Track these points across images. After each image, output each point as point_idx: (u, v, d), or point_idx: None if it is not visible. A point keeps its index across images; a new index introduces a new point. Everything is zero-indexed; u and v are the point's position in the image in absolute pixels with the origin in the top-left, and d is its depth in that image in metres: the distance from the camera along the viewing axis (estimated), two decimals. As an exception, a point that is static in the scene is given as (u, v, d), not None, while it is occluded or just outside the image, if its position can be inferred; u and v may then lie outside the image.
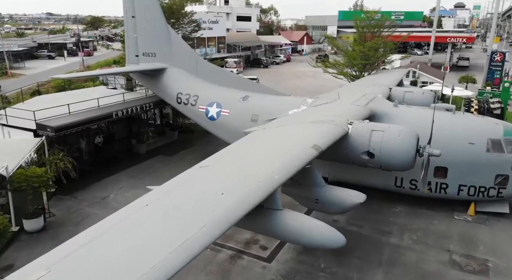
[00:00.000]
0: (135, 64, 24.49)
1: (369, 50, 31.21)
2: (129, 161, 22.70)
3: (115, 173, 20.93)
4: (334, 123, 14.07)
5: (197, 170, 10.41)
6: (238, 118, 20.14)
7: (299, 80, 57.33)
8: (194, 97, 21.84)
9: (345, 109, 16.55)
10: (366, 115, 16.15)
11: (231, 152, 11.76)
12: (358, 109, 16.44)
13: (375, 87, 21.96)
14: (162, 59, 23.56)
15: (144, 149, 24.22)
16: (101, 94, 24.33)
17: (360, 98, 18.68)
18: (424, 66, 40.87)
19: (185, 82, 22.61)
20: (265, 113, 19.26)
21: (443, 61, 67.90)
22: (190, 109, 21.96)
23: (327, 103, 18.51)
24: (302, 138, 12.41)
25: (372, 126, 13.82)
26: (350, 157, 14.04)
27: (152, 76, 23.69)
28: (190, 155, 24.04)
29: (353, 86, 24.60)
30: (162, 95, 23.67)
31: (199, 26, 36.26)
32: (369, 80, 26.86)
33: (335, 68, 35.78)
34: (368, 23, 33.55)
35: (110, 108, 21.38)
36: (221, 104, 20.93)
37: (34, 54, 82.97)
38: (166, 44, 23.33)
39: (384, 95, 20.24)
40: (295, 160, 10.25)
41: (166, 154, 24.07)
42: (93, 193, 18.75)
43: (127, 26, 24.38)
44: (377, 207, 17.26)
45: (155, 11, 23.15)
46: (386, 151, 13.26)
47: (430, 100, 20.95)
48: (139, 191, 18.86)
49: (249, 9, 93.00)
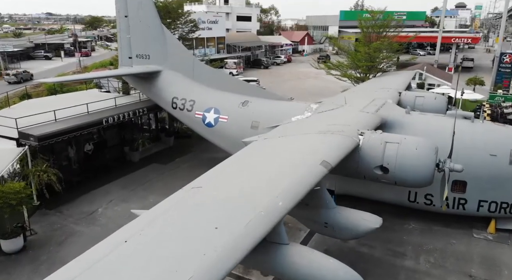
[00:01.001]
0: (128, 66, 23.11)
1: (374, 51, 29.80)
2: (121, 170, 21.26)
3: (106, 184, 19.50)
4: (344, 134, 12.66)
5: (188, 192, 8.99)
6: (237, 125, 18.73)
7: (300, 82, 55.90)
8: (190, 102, 20.42)
9: (353, 117, 15.13)
10: (377, 124, 14.73)
11: (228, 169, 10.34)
12: (368, 117, 15.01)
13: (384, 91, 20.54)
14: (156, 61, 22.16)
15: (138, 156, 22.80)
16: (93, 98, 22.99)
17: (369, 104, 17.24)
18: (431, 67, 39.44)
19: (181, 86, 21.20)
20: (266, 119, 17.87)
21: (447, 62, 66.54)
22: (186, 115, 20.54)
23: (333, 110, 17.09)
24: (309, 153, 11.00)
25: (386, 138, 12.40)
26: (361, 172, 12.64)
27: (146, 80, 22.29)
28: (186, 163, 22.62)
29: (360, 90, 23.17)
30: (156, 100, 22.26)
31: (197, 26, 34.83)
32: (375, 83, 25.43)
33: (338, 70, 34.39)
34: (373, 23, 32.18)
35: (100, 114, 19.95)
36: (219, 109, 19.52)
37: (31, 55, 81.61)
38: (160, 45, 21.93)
39: (394, 100, 18.81)
40: (302, 182, 8.84)
41: (161, 162, 22.64)
42: (80, 207, 17.32)
43: (119, 27, 22.99)
44: (388, 223, 15.78)
45: (149, 10, 21.75)
46: (401, 166, 11.85)
47: (443, 106, 19.55)
48: (129, 205, 17.52)
49: (249, 9, 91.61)
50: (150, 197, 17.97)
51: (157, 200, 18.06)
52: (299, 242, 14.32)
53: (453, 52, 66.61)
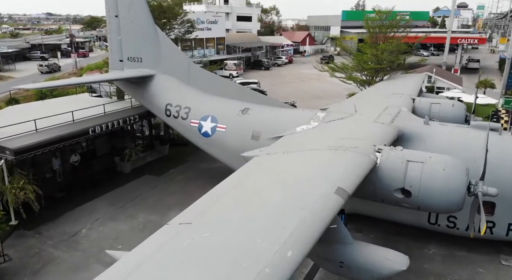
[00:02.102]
0: (119, 70, 21.44)
1: (382, 53, 28.10)
2: (110, 183, 19.57)
3: (92, 199, 17.81)
4: (358, 150, 10.99)
5: (175, 231, 7.32)
6: (236, 135, 17.05)
7: (302, 84, 54.25)
8: (185, 109, 18.73)
9: (367, 128, 13.44)
10: (394, 137, 13.06)
11: (224, 198, 8.65)
12: (383, 129, 13.32)
13: (396, 98, 18.86)
14: (149, 65, 20.47)
15: (129, 167, 21.11)
16: (83, 103, 21.32)
17: (382, 112, 15.55)
18: (440, 70, 37.73)
19: (175, 92, 19.51)
20: (268, 129, 16.21)
21: (452, 63, 64.80)
22: (181, 123, 18.84)
23: (342, 119, 15.41)
24: (320, 177, 9.32)
25: (408, 156, 10.72)
26: (379, 195, 10.97)
27: (138, 84, 20.60)
28: (181, 174, 20.93)
29: (369, 95, 21.46)
30: (149, 106, 20.57)
31: (194, 26, 33.12)
32: (385, 88, 23.74)
33: (343, 72, 32.67)
34: (381, 23, 30.47)
35: (86, 122, 18.26)
36: (216, 118, 17.82)
37: (27, 56, 80.00)
38: (153, 47, 20.25)
39: (408, 108, 17.13)
40: (315, 220, 7.15)
41: (154, 173, 20.95)
42: (62, 226, 15.62)
43: (110, 27, 21.30)
44: (405, 247, 14.11)
45: (141, 9, 20.07)
46: (427, 189, 10.19)
47: (462, 114, 17.89)
48: (117, 224, 15.83)
49: (250, 9, 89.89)
50: (139, 216, 16.31)
51: (147, 219, 16.69)
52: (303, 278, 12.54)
53: (459, 53, 64.87)
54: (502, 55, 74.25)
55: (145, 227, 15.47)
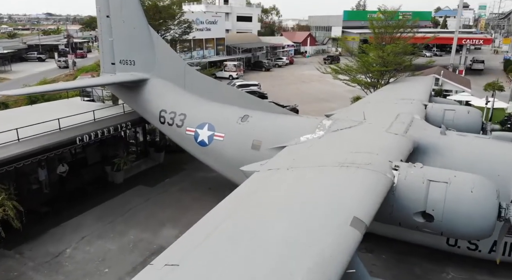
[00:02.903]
0: (111, 73, 20.18)
1: (388, 55, 26.79)
2: (100, 194, 18.27)
3: (80, 214, 16.51)
4: (372, 168, 9.70)
5: (160, 275, 6.04)
6: (235, 145, 15.78)
7: (304, 85, 52.97)
8: (181, 116, 17.45)
9: (380, 140, 12.15)
10: (410, 150, 11.77)
11: (218, 232, 7.36)
12: (398, 141, 12.02)
13: (407, 104, 17.58)
14: (142, 68, 19.20)
15: (121, 177, 19.82)
16: (73, 109, 20.11)
17: (394, 121, 14.26)
18: (447, 72, 36.41)
19: (170, 97, 18.24)
20: (270, 138, 14.95)
21: (456, 64, 63.49)
22: (176, 131, 17.56)
23: (351, 128, 14.13)
24: (332, 202, 8.01)
25: (429, 174, 9.42)
26: (396, 218, 9.68)
27: (131, 89, 19.33)
28: (176, 185, 19.64)
29: (376, 100, 20.17)
30: (142, 113, 19.29)
31: (191, 27, 31.85)
32: (393, 92, 22.47)
33: (347, 74, 31.37)
34: (387, 24, 29.17)
35: (74, 130, 16.97)
36: (214, 125, 16.54)
37: (23, 57, 78.81)
38: (147, 49, 18.97)
39: (421, 115, 15.85)
40: (329, 266, 5.86)
41: (148, 184, 19.65)
42: (45, 245, 14.32)
43: (101, 28, 20.05)
44: (420, 270, 12.88)
45: (133, 9, 18.80)
46: (452, 213, 8.90)
47: (478, 122, 16.62)
48: (104, 243, 14.46)
49: (250, 9, 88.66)
50: (130, 233, 15.01)
51: (138, 238, 15.27)
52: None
53: (464, 54, 63.58)
54: (507, 56, 73.01)
55: (135, 246, 14.18)
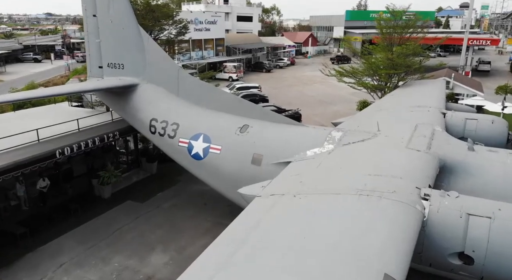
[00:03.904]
0: (98, 78, 18.50)
1: (398, 57, 25.08)
2: (84, 211, 16.57)
3: (61, 235, 14.81)
4: (399, 197, 8.01)
5: None
6: (233, 159, 14.07)
7: (306, 87, 51.28)
8: (173, 125, 15.75)
9: (401, 159, 10.44)
10: (437, 171, 10.10)
11: None
12: (423, 161, 10.30)
13: (423, 112, 15.88)
14: (132, 72, 17.51)
15: (109, 191, 18.13)
16: (59, 115, 18.57)
17: (414, 133, 12.56)
18: (458, 74, 34.68)
19: (162, 105, 16.54)
20: (272, 152, 13.29)
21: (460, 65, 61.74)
22: (167, 142, 15.84)
23: (364, 141, 12.43)
24: (354, 250, 6.30)
25: (468, 206, 7.72)
26: (427, 259, 8.01)
27: (119, 95, 17.64)
28: (169, 200, 17.92)
29: (388, 107, 18.43)
30: (131, 121, 17.58)
31: (187, 27, 30.17)
32: (405, 97, 20.78)
33: (352, 77, 29.69)
34: (395, 24, 27.47)
35: (54, 142, 15.26)
36: (209, 137, 14.83)
37: (19, 57, 77.22)
38: (137, 52, 17.27)
39: (441, 126, 14.14)
40: None
41: (138, 199, 17.94)
42: (18, 275, 12.61)
43: (87, 28, 18.37)
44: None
45: (122, 8, 17.12)
46: (497, 256, 7.23)
47: (504, 133, 14.85)
48: (84, 274, 12.40)
49: (250, 9, 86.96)
50: (114, 259, 13.30)
51: (123, 265, 12.93)
52: None
53: (470, 55, 61.91)
54: (513, 57, 71.38)
55: (119, 276, 12.47)
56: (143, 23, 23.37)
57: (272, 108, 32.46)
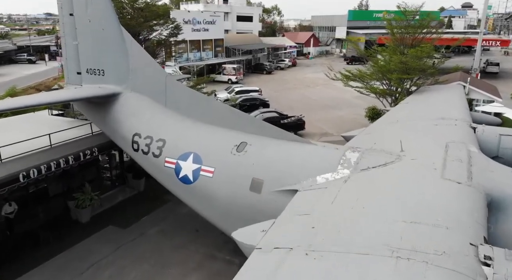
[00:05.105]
0: (76, 85, 16.29)
1: (412, 61, 22.84)
2: (57, 240, 14.29)
3: (25, 272, 12.56)
4: (450, 263, 5.80)
5: None
6: (228, 184, 11.81)
7: (308, 90, 49.03)
8: (159, 142, 13.50)
9: (440, 196, 8.20)
10: (486, 212, 7.87)
11: None
12: (468, 198, 8.05)
13: (449, 125, 13.68)
14: (113, 80, 15.29)
15: (88, 215, 15.89)
16: (34, 127, 16.38)
17: (447, 156, 10.33)
18: (474, 79, 32.38)
19: (147, 117, 14.30)
20: (274, 176, 11.09)
21: (468, 66, 59.37)
22: (152, 162, 13.58)
23: (386, 166, 10.20)
24: None
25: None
26: None
27: (99, 106, 15.42)
28: (156, 225, 15.66)
29: (405, 117, 16.17)
30: (111, 136, 15.34)
31: (179, 28, 27.94)
32: (422, 105, 18.60)
33: (360, 81, 27.49)
34: (407, 24, 25.28)
35: (18, 163, 13.02)
36: (200, 156, 12.59)
37: (13, 58, 75.03)
38: (119, 56, 15.04)
39: (475, 145, 11.92)
40: None
41: (120, 224, 15.67)
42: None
43: (63, 29, 16.16)
44: None
45: (102, 5, 14.88)
46: None
47: (547, 152, 12.67)
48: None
49: (251, 9, 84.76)
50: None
51: None
52: None
53: (478, 55, 59.43)
54: (521, 58, 69.16)
55: None
56: (129, 24, 21.15)
57: (273, 114, 30.30)
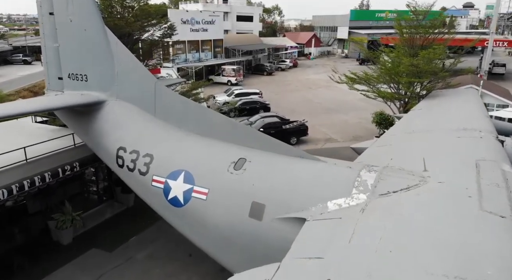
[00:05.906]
0: (58, 91, 14.75)
1: (424, 63, 21.27)
2: (33, 267, 12.77)
3: (-7, 307, 11.12)
4: None
5: None
6: (224, 208, 10.24)
7: (310, 92, 47.48)
8: (146, 158, 11.94)
9: (487, 238, 6.62)
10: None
11: None
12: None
13: (474, 137, 12.10)
14: (97, 86, 13.73)
15: (70, 236, 14.32)
16: (12, 137, 14.87)
17: (480, 179, 8.76)
18: (488, 82, 30.79)
19: (133, 128, 12.75)
20: (278, 200, 9.56)
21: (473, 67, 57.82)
22: (138, 180, 12.00)
23: (409, 190, 8.65)
24: None
25: None
26: None
27: (82, 115, 13.87)
28: (145, 248, 14.09)
29: (423, 128, 14.56)
30: (94, 148, 13.76)
31: (172, 28, 26.41)
32: (438, 113, 17.08)
33: (367, 85, 25.96)
34: (417, 24, 23.72)
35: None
36: (193, 175, 11.00)
37: (8, 59, 73.50)
38: (104, 60, 13.48)
39: (507, 162, 10.34)
40: None
41: (105, 246, 14.08)
42: None
43: (43, 30, 14.60)
44: None
45: (84, 3, 13.34)
46: None
47: None
48: None
49: (251, 8, 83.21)
50: None
51: None
52: None
53: (485, 56, 57.86)
54: (528, 59, 67.58)
55: None
56: (117, 24, 19.61)
57: (275, 119, 28.77)
